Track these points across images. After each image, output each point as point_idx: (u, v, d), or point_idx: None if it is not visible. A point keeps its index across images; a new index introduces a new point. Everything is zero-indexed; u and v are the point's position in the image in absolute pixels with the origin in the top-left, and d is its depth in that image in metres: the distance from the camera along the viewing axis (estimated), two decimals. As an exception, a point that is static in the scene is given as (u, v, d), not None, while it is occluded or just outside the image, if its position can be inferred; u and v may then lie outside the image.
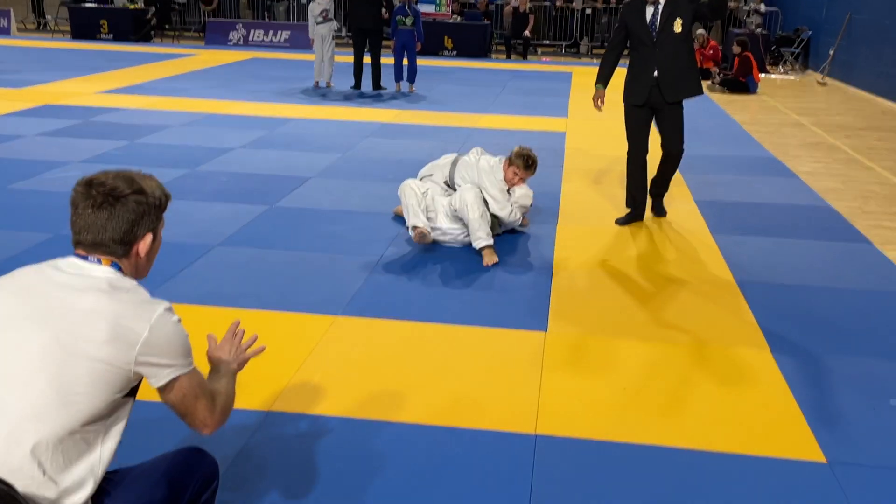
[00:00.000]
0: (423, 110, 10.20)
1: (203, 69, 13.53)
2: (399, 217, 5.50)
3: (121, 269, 1.82)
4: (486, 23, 17.59)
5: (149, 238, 1.85)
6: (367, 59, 11.63)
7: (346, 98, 11.07)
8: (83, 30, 18.00)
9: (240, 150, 7.60)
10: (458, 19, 17.61)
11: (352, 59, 11.78)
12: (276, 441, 2.96)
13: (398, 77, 11.76)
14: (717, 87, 12.97)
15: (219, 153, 7.40)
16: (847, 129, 9.76)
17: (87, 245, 1.79)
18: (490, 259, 4.82)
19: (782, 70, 15.97)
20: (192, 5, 20.02)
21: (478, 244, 4.86)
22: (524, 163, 5.15)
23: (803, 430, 3.13)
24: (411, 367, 3.55)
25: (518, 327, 3.97)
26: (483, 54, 17.10)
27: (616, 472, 2.83)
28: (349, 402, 3.24)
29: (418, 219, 4.95)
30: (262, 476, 2.74)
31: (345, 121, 9.32)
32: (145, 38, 18.04)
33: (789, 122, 10.27)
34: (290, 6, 19.72)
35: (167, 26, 19.04)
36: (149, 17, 17.98)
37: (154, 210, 1.84)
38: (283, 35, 17.97)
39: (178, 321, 1.81)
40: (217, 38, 18.03)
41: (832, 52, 14.50)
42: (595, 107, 5.70)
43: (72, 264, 1.79)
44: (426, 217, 5.01)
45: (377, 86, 11.73)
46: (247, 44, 17.95)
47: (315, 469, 2.80)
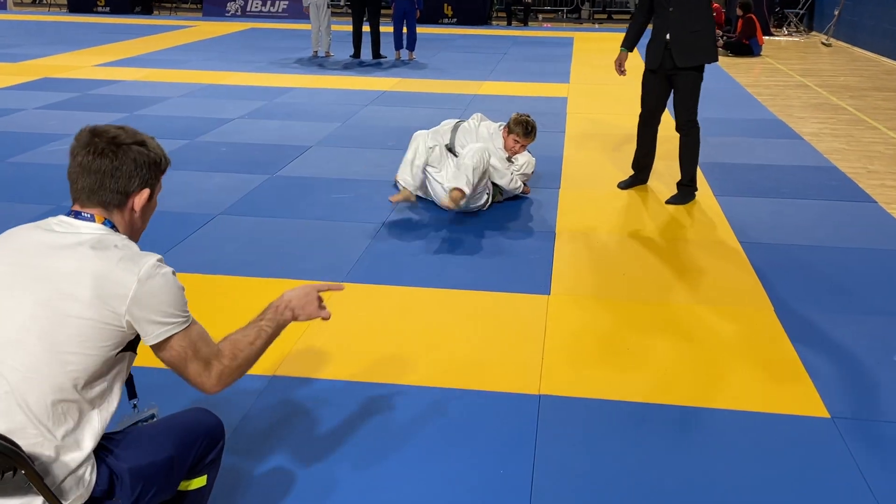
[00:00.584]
0: (423, 78, 10.13)
1: (201, 40, 13.42)
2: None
3: (113, 227, 1.79)
4: (486, -11, 17.41)
5: (145, 194, 1.82)
6: (365, 28, 11.52)
7: (346, 67, 10.99)
8: (79, 3, 17.85)
9: (239, 120, 7.56)
10: (457, -14, 17.43)
11: (350, 28, 11.67)
12: (280, 405, 2.97)
13: (398, 45, 11.66)
14: (721, 49, 12.84)
15: (218, 124, 7.37)
16: (852, 90, 9.67)
17: (84, 193, 1.76)
18: (451, 202, 4.66)
19: (786, 32, 15.80)
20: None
21: (453, 183, 4.70)
22: (524, 130, 5.11)
23: (807, 386, 3.13)
24: (415, 331, 3.56)
25: (521, 291, 3.97)
26: (483, 21, 16.94)
27: (620, 430, 2.84)
28: (353, 366, 3.25)
29: (403, 176, 4.91)
30: (267, 440, 2.76)
31: (344, 90, 9.26)
32: (147, 11, 17.89)
33: (793, 83, 10.18)
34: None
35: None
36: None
37: (153, 166, 1.82)
38: (281, 5, 17.80)
39: (171, 273, 1.76)
40: (214, 10, 17.87)
41: (837, 12, 14.33)
42: (616, 70, 5.55)
43: (63, 222, 1.77)
44: (427, 172, 4.94)
45: (377, 54, 11.64)
46: (245, 14, 17.79)
47: (320, 432, 2.81)
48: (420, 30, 12.20)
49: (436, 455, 2.69)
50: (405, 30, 11.56)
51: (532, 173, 5.36)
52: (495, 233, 4.76)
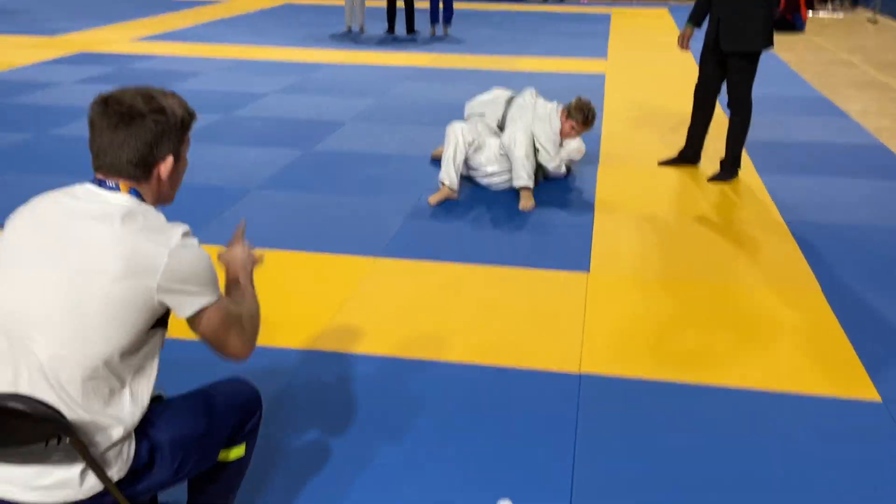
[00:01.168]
0: (458, 54, 10.02)
1: (235, 15, 13.41)
2: (437, 160, 5.40)
3: (140, 196, 1.71)
4: (522, -36, 17.14)
5: (170, 160, 1.72)
6: (399, 3, 11.42)
7: (380, 42, 10.91)
8: (116, -22, 17.89)
9: (274, 95, 7.53)
10: (492, -39, 17.17)
11: (385, 2, 11.57)
12: (317, 379, 2.95)
13: (434, 19, 11.53)
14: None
15: (253, 99, 7.35)
16: (899, 68, 9.40)
17: (105, 167, 1.69)
18: (526, 202, 4.71)
19: (830, 8, 15.40)
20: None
21: (518, 182, 4.76)
22: (583, 117, 5.00)
23: (857, 368, 3.04)
24: (453, 307, 3.51)
25: (560, 268, 3.90)
26: (519, -3, 16.70)
27: (663, 411, 2.78)
28: (390, 341, 3.22)
29: (448, 174, 4.77)
30: (304, 413, 2.74)
31: (379, 65, 9.19)
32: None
33: (838, 60, 9.91)
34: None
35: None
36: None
37: (175, 130, 1.71)
38: (315, -20, 17.69)
39: (198, 245, 1.69)
40: (249, -15, 17.81)
41: (883, -12, 13.92)
42: (679, 45, 5.38)
43: (88, 191, 1.70)
44: (469, 155, 4.88)
45: (411, 29, 11.53)
46: (279, -10, 17.72)
47: (356, 407, 2.78)
48: (457, 6, 12.05)
49: (474, 432, 2.65)
50: (441, 5, 11.43)
51: (579, 160, 5.25)
52: (534, 211, 4.68)
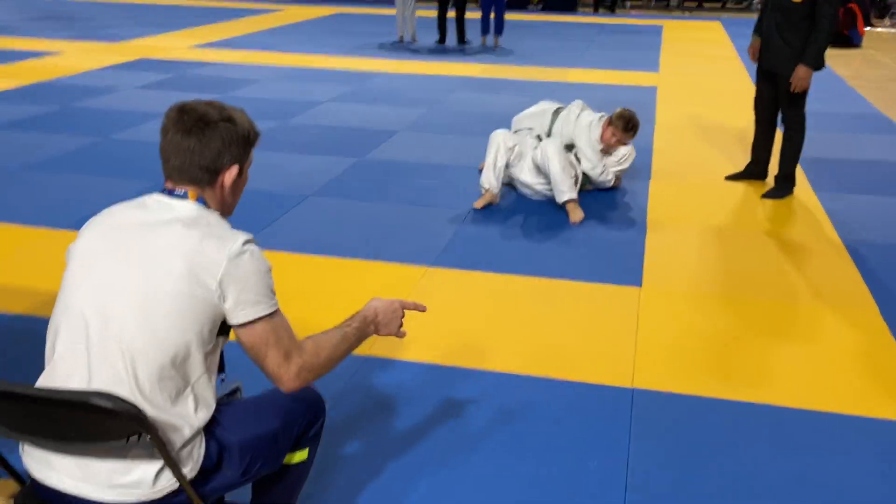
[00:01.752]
0: (509, 64, 10.06)
1: (289, 24, 13.64)
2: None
3: (206, 204, 1.79)
4: (574, -25, 17.15)
5: (234, 169, 1.81)
6: (451, 14, 11.50)
7: (432, 52, 11.00)
8: (174, -14, 18.33)
9: (328, 103, 7.66)
10: (544, -28, 17.22)
11: (436, 13, 11.67)
12: (372, 386, 3.00)
13: (485, 30, 11.59)
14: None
15: (308, 106, 7.48)
16: (961, 85, 9.19)
17: (175, 171, 1.78)
18: (575, 215, 4.72)
19: (889, 23, 15.10)
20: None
21: (560, 198, 4.76)
22: (624, 124, 5.01)
23: (916, 393, 3.00)
24: (504, 318, 3.55)
25: (612, 282, 3.91)
26: (570, 8, 16.71)
27: (717, 428, 2.78)
28: (441, 350, 3.26)
29: (489, 179, 4.82)
30: (358, 420, 2.79)
31: (431, 75, 9.27)
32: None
33: (897, 77, 9.73)
34: (375, -40, 19.61)
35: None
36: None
37: (241, 140, 1.81)
38: (368, -10, 17.92)
39: (260, 253, 1.76)
40: (303, -6, 18.10)
41: (945, 2, 13.62)
42: (750, 57, 5.29)
43: (157, 201, 1.79)
44: (508, 166, 4.91)
45: (462, 39, 11.61)
46: (332, -1, 17.98)
47: (409, 415, 2.83)
48: (507, 16, 12.09)
49: (525, 444, 2.68)
50: (492, 15, 11.49)
51: (629, 168, 5.25)
52: (584, 222, 4.69)
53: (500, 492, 2.45)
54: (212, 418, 1.80)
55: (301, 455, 1.99)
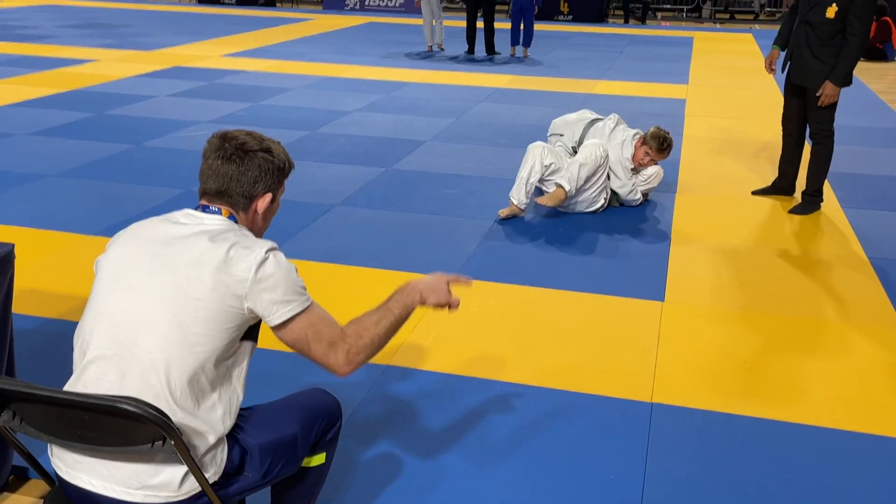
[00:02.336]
0: (537, 76, 10.09)
1: (321, 33, 13.79)
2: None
3: (236, 221, 1.88)
4: (604, -14, 17.16)
5: (268, 198, 1.90)
6: (479, 24, 11.56)
7: (460, 62, 11.07)
8: (208, -5, 18.64)
9: (357, 113, 7.74)
10: (574, -17, 17.25)
11: (464, 23, 11.73)
12: (393, 395, 3.04)
13: (514, 41, 11.62)
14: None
15: (337, 116, 7.57)
16: None
17: (211, 194, 1.87)
18: (547, 200, 4.79)
19: (924, 36, 14.88)
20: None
21: (558, 180, 4.81)
22: (658, 144, 5.01)
23: (939, 414, 2.97)
24: (526, 330, 3.57)
25: (634, 296, 3.92)
26: (600, 19, 16.71)
27: (737, 445, 2.78)
28: (463, 360, 3.29)
29: (518, 194, 4.84)
30: (378, 428, 2.83)
31: (459, 85, 9.33)
32: (270, 3, 18.52)
33: (931, 91, 9.60)
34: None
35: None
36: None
37: (277, 171, 1.90)
38: (399, 0, 18.07)
39: (282, 256, 1.82)
40: (334, 3, 18.31)
41: (983, 16, 13.40)
42: (766, 68, 5.34)
43: (189, 215, 1.86)
44: (544, 177, 4.93)
45: (490, 50, 11.66)
46: (363, 8, 18.16)
47: (428, 425, 2.86)
48: (536, 27, 12.12)
49: (544, 455, 2.70)
50: (522, 25, 11.53)
51: (656, 186, 5.25)
52: (608, 235, 4.71)
53: (517, 503, 2.47)
54: (236, 424, 1.85)
55: (319, 458, 2.04)
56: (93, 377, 1.74)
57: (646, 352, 3.39)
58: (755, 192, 5.51)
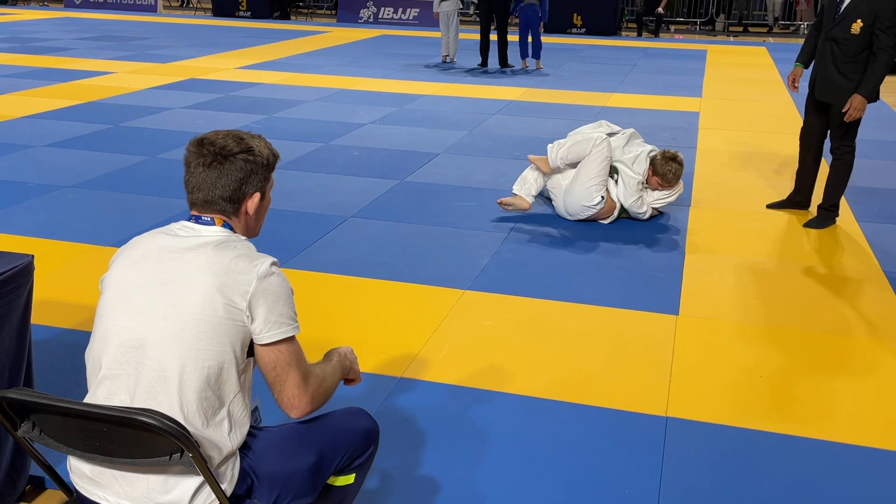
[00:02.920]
0: (550, 88, 10.11)
1: (335, 46, 13.87)
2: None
3: (232, 229, 1.86)
4: (617, -1, 17.17)
5: (256, 197, 1.86)
6: (493, 37, 11.61)
7: (474, 75, 11.10)
8: (223, 8, 18.80)
9: (371, 125, 7.77)
10: (587, -5, 17.26)
11: (478, 36, 11.78)
12: (405, 406, 3.04)
13: (524, 54, 11.70)
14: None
15: (351, 128, 7.60)
16: None
17: (199, 204, 1.83)
18: (537, 160, 5.11)
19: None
20: (325, -17, 20.50)
21: (551, 151, 5.06)
22: (663, 178, 5.02)
23: (958, 430, 2.94)
24: (539, 343, 3.56)
25: (648, 310, 3.91)
26: (613, 32, 16.73)
27: (753, 460, 2.76)
28: (476, 373, 3.29)
29: (522, 186, 5.11)
30: (391, 438, 2.83)
31: (472, 98, 9.36)
32: (284, 16, 18.66)
33: (946, 104, 9.55)
34: (420, -16, 19.88)
35: (300, 4, 19.61)
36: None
37: (262, 169, 1.86)
38: (412, 12, 18.16)
39: (284, 276, 1.81)
40: (348, 16, 18.43)
41: None
42: (790, 86, 5.31)
43: (185, 227, 1.84)
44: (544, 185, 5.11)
45: (504, 63, 11.70)
46: (377, 21, 18.26)
47: (441, 437, 2.86)
48: (548, 39, 12.19)
49: (557, 469, 2.69)
50: (530, 38, 11.61)
51: (672, 202, 5.23)
52: (622, 248, 4.70)
53: (531, 517, 2.46)
54: (246, 446, 1.83)
55: (345, 479, 1.99)
56: (103, 398, 1.74)
57: (660, 365, 3.38)
58: (770, 206, 5.49)
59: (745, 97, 9.71)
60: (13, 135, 7.04)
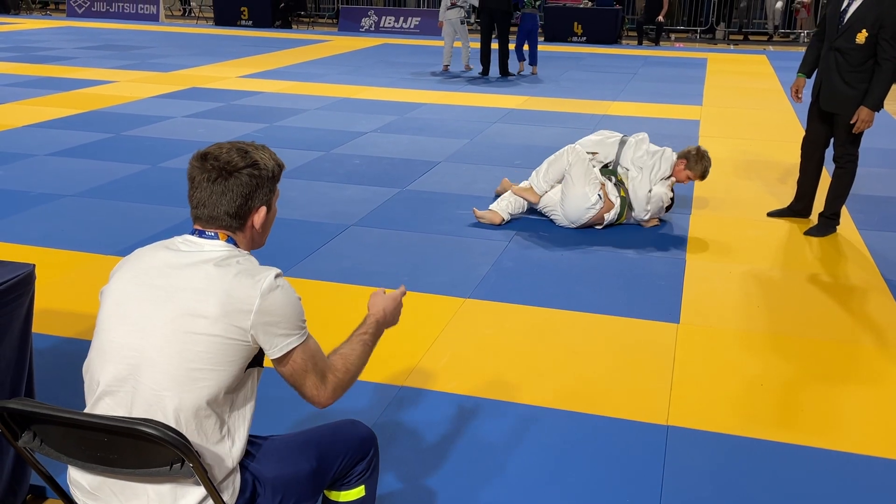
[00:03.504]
0: (551, 97, 10.13)
1: (336, 55, 13.91)
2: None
3: (235, 243, 1.83)
4: (618, 7, 17.21)
5: (263, 211, 1.84)
6: (493, 45, 11.64)
7: (475, 84, 11.13)
8: (225, 17, 18.86)
9: (372, 134, 7.78)
10: (588, 4, 17.32)
11: (479, 45, 11.82)
12: (406, 416, 3.04)
13: (520, 57, 12.00)
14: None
15: (352, 137, 7.61)
16: None
17: (204, 219, 1.80)
18: (521, 191, 5.20)
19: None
20: (326, -7, 20.58)
21: (534, 177, 5.19)
22: (701, 174, 5.25)
23: (960, 439, 2.94)
24: (540, 352, 3.56)
25: (649, 318, 3.91)
26: (613, 40, 16.76)
27: (754, 469, 2.75)
28: (477, 382, 3.28)
29: (498, 204, 5.22)
30: (392, 448, 2.83)
31: (473, 106, 9.38)
32: (286, 25, 18.73)
33: (947, 112, 9.56)
34: (421, -7, 19.97)
35: (302, 13, 19.67)
36: (281, 5, 18.59)
37: (268, 182, 1.83)
38: (414, 21, 18.22)
39: (289, 286, 1.79)
40: (350, 25, 18.48)
41: None
42: (793, 96, 5.31)
43: (187, 241, 1.81)
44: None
45: (505, 71, 11.73)
46: (378, 30, 18.31)
47: (443, 446, 2.86)
48: (549, 48, 12.29)
49: (557, 478, 2.69)
50: (526, 46, 11.91)
51: (664, 208, 5.24)
52: (622, 255, 4.70)
53: (532, 527, 2.46)
54: (248, 453, 1.83)
55: (353, 493, 1.99)
56: (101, 413, 1.73)
57: (661, 374, 3.37)
58: (771, 214, 5.49)
59: (746, 105, 9.73)
60: (15, 144, 7.06)
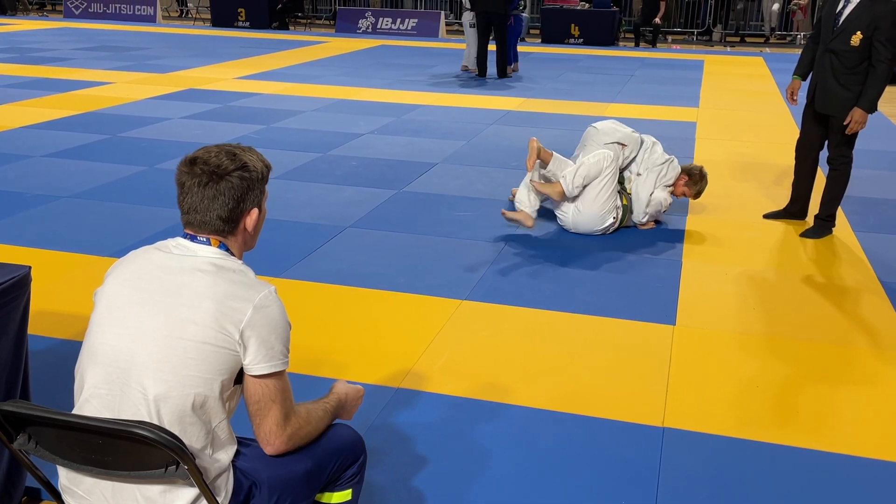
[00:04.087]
0: (548, 98, 10.14)
1: (333, 56, 13.91)
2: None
3: (228, 249, 1.83)
4: (615, 9, 17.22)
5: (255, 213, 1.84)
6: (491, 47, 11.65)
7: (471, 86, 11.13)
8: (222, 18, 18.86)
9: (369, 135, 7.79)
10: (585, 6, 17.34)
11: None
12: (401, 418, 3.04)
13: (512, 59, 12.12)
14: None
15: (349, 138, 7.62)
16: None
17: (195, 224, 1.80)
18: (543, 189, 4.93)
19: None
20: (323, -6, 20.58)
21: (560, 177, 4.97)
22: (696, 194, 5.30)
23: (955, 441, 2.95)
24: (536, 353, 3.57)
25: (645, 320, 3.91)
26: (610, 42, 16.78)
27: (749, 470, 2.76)
28: (473, 384, 3.29)
29: (528, 202, 4.96)
30: (388, 451, 2.83)
31: (470, 108, 9.38)
32: (283, 26, 18.72)
33: (943, 114, 9.58)
34: (418, -6, 19.97)
35: (299, 14, 19.67)
36: (279, 7, 18.59)
37: (257, 183, 1.83)
38: (411, 23, 18.22)
39: (283, 307, 1.79)
40: (347, 26, 18.48)
41: None
42: (788, 99, 5.33)
43: (180, 245, 1.81)
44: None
45: (502, 73, 11.74)
46: (375, 31, 18.31)
47: (437, 449, 2.86)
48: (546, 49, 12.30)
49: (554, 481, 2.69)
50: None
51: (661, 211, 5.25)
52: (619, 258, 4.71)
53: (528, 529, 2.46)
54: (243, 455, 1.84)
55: (341, 496, 2.00)
56: (88, 415, 1.73)
57: (657, 376, 3.38)
58: (767, 216, 5.50)
59: (742, 107, 9.74)
60: (11, 145, 7.05)
